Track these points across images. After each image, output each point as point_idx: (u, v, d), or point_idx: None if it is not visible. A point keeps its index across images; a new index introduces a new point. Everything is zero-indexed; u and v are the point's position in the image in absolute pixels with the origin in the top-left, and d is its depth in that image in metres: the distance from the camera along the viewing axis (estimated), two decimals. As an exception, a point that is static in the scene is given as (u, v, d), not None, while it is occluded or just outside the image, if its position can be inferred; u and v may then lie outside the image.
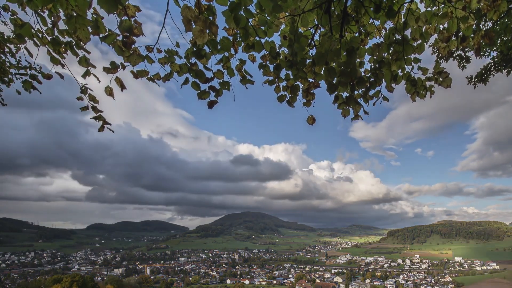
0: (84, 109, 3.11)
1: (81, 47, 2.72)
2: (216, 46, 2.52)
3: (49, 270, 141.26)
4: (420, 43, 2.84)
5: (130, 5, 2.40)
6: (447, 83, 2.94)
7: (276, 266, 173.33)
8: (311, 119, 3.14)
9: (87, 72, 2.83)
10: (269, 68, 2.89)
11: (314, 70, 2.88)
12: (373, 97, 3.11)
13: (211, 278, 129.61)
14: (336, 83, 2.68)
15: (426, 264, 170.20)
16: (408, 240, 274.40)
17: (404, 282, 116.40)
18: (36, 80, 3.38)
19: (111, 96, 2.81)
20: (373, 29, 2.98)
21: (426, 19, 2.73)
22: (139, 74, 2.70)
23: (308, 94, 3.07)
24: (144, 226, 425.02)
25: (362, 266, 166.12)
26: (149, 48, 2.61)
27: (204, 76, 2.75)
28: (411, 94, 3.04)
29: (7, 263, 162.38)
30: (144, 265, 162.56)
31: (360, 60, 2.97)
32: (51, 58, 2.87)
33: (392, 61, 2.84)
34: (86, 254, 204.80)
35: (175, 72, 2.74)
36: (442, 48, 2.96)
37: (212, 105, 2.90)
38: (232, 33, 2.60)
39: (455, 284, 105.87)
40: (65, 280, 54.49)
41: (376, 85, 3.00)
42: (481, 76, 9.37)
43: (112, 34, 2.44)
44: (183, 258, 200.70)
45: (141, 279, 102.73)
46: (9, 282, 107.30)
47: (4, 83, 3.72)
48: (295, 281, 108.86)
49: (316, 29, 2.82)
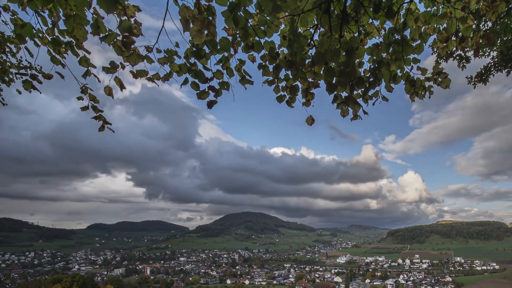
0: (84, 109, 3.12)
1: (82, 47, 2.73)
2: (216, 46, 2.53)
3: (49, 270, 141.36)
4: (419, 43, 2.84)
5: (129, 5, 2.40)
6: (446, 84, 2.95)
7: (276, 266, 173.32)
8: (310, 120, 3.14)
9: (87, 72, 2.84)
10: (268, 68, 2.89)
11: (314, 70, 2.88)
12: (373, 97, 3.12)
13: (211, 278, 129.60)
14: (336, 83, 2.68)
15: (426, 264, 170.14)
16: (408, 240, 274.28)
17: (404, 282, 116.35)
18: (36, 80, 3.39)
19: (110, 95, 2.82)
20: (373, 29, 2.99)
21: (425, 19, 2.74)
22: (139, 74, 2.70)
23: (307, 94, 3.07)
24: (144, 226, 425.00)
25: (362, 266, 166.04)
26: (149, 48, 2.61)
27: (203, 76, 2.76)
28: (410, 94, 3.05)
29: (7, 263, 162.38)
30: (144, 265, 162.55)
31: (360, 60, 2.97)
32: (52, 58, 2.88)
33: (391, 61, 2.85)
34: (86, 254, 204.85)
35: (175, 72, 2.74)
36: (441, 48, 2.97)
37: (211, 105, 2.90)
38: (232, 33, 2.61)
39: (455, 284, 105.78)
40: (65, 280, 54.48)
41: (375, 85, 3.01)
42: (481, 76, 9.38)
43: (112, 34, 2.44)
44: (183, 258, 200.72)
45: (141, 279, 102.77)
46: (9, 282, 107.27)
47: (4, 82, 3.73)
48: (295, 281, 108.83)
49: (316, 29, 2.83)
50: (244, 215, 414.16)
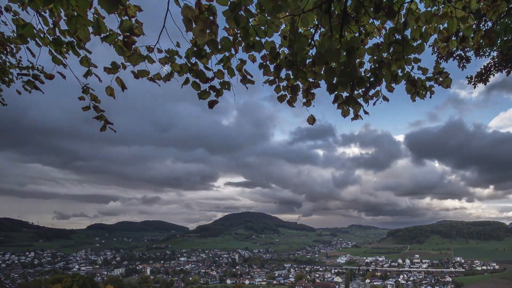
0: (85, 109, 3.13)
1: (83, 47, 2.73)
2: (217, 46, 2.53)
3: (49, 270, 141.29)
4: (420, 43, 2.84)
5: (130, 5, 2.40)
6: (447, 83, 2.95)
7: (276, 266, 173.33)
8: (312, 119, 3.15)
9: (89, 72, 2.84)
10: (269, 68, 2.89)
11: (314, 70, 2.89)
12: (373, 97, 3.12)
13: (211, 278, 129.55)
14: (336, 83, 2.68)
15: (426, 264, 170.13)
16: (408, 240, 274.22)
17: (404, 282, 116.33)
18: (38, 80, 3.39)
19: (112, 96, 2.82)
20: (373, 29, 2.99)
21: (426, 19, 2.74)
22: (140, 74, 2.71)
23: (308, 94, 3.08)
24: (144, 226, 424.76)
25: (362, 266, 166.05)
26: (150, 48, 2.61)
27: (204, 76, 2.76)
28: (411, 94, 3.05)
29: (7, 263, 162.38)
30: (144, 265, 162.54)
31: (360, 60, 2.97)
32: (53, 58, 2.89)
33: (392, 61, 2.85)
34: (86, 254, 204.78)
35: (176, 72, 2.74)
36: (442, 48, 2.97)
37: (212, 105, 2.91)
38: (233, 33, 2.61)
39: (455, 284, 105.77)
40: (65, 280, 54.50)
41: (376, 85, 3.01)
42: (481, 76, 9.39)
43: (113, 34, 2.45)
44: (183, 258, 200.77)
45: (141, 279, 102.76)
46: (9, 282, 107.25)
47: (4, 83, 3.73)
48: (295, 281, 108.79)
49: (316, 29, 2.83)
50: (244, 215, 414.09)
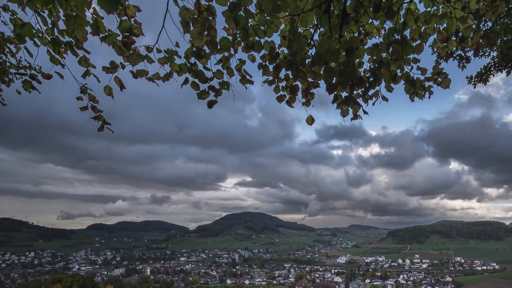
0: (83, 109, 3.12)
1: (81, 47, 2.73)
2: (216, 46, 2.53)
3: (49, 270, 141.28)
4: (419, 43, 2.84)
5: (130, 5, 2.40)
6: (446, 84, 2.95)
7: (276, 266, 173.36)
8: (310, 120, 3.14)
9: (87, 72, 2.84)
10: (268, 68, 2.89)
11: (314, 70, 2.88)
12: (372, 97, 3.11)
13: (211, 278, 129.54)
14: (336, 83, 2.68)
15: (426, 264, 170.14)
16: (408, 240, 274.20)
17: (404, 282, 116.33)
18: (35, 80, 3.38)
19: (110, 95, 2.82)
20: (372, 29, 2.98)
21: (425, 19, 2.73)
22: (139, 74, 2.70)
23: (307, 94, 3.07)
24: (144, 226, 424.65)
25: (362, 266, 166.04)
26: (149, 48, 2.61)
27: (203, 76, 2.76)
28: (410, 94, 3.05)
29: (7, 263, 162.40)
30: (144, 265, 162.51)
31: (360, 60, 2.97)
32: (51, 58, 2.88)
33: (391, 61, 2.85)
34: (86, 254, 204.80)
35: (175, 72, 2.74)
36: (441, 48, 2.97)
37: (211, 105, 2.90)
38: (232, 33, 2.61)
39: (455, 284, 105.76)
40: (65, 280, 54.50)
41: (375, 85, 3.00)
42: (480, 76, 9.39)
43: (112, 34, 2.44)
44: (183, 258, 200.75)
45: (141, 279, 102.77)
46: (9, 282, 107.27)
47: (4, 83, 3.72)
48: (295, 281, 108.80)
49: (316, 29, 2.83)
50: (244, 215, 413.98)
